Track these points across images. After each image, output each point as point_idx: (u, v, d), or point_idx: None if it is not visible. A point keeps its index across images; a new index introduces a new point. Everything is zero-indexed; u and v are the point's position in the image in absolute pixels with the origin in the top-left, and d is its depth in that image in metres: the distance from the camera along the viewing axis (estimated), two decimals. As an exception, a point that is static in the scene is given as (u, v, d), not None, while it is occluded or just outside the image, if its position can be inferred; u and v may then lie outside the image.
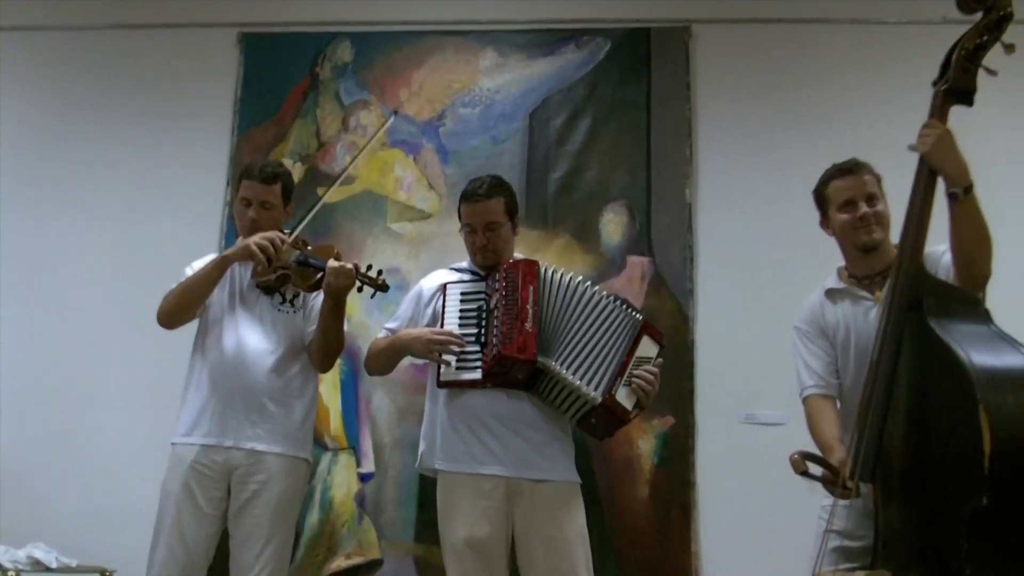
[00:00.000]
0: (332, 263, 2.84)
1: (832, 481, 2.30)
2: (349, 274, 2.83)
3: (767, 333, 3.67)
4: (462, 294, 2.92)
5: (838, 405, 2.69)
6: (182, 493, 2.87)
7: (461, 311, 2.89)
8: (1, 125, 4.34)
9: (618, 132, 4.08)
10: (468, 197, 2.96)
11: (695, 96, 4.11)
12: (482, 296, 2.88)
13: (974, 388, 1.90)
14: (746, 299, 3.87)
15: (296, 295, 3.06)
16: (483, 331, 2.82)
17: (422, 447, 2.97)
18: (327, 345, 2.97)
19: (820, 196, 2.75)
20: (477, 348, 2.82)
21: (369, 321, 3.98)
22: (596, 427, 2.85)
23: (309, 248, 3.04)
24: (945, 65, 2.35)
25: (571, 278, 2.88)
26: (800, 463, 2.31)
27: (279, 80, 4.29)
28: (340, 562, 3.80)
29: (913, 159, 2.62)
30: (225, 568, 2.94)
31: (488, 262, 2.94)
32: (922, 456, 2.10)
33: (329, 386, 3.96)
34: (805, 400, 2.70)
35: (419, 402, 3.84)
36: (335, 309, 2.91)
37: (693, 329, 3.88)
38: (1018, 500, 1.88)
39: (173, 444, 2.96)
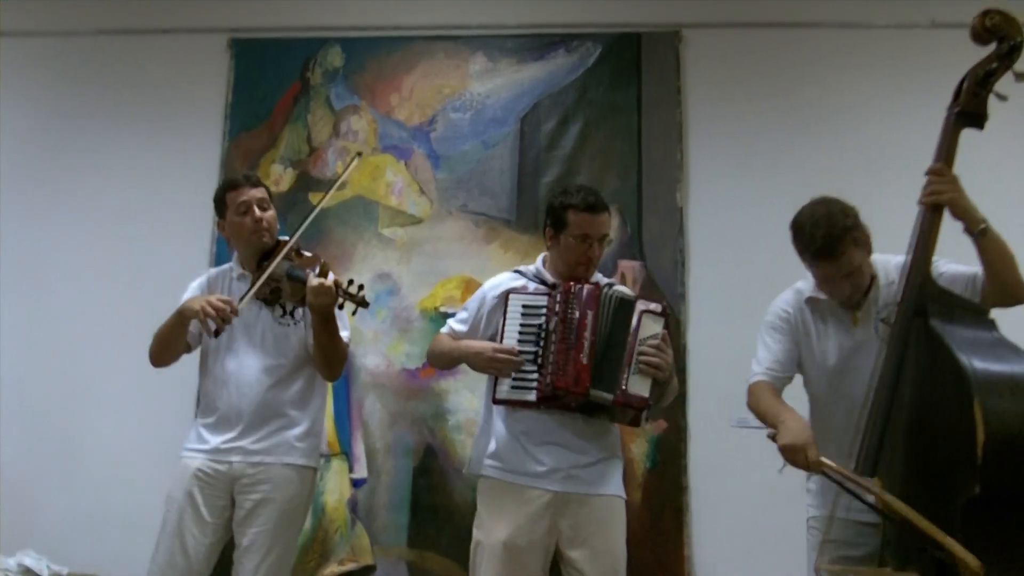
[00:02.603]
0: (312, 281, 2.81)
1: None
2: (329, 292, 2.81)
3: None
4: (524, 307, 2.86)
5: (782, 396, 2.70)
6: (185, 500, 2.86)
7: (521, 326, 2.84)
8: (-7, 130, 4.34)
9: (609, 136, 4.09)
10: (589, 207, 2.89)
11: (685, 100, 4.12)
12: (543, 311, 2.83)
13: (971, 385, 2.02)
14: (737, 303, 3.87)
15: (295, 307, 3.04)
16: (541, 351, 2.79)
17: (472, 452, 2.98)
18: (326, 357, 2.96)
19: (799, 251, 2.67)
20: (534, 368, 2.79)
21: (361, 326, 3.98)
22: (624, 419, 2.83)
23: (299, 258, 3.01)
24: (958, 90, 2.43)
25: (616, 297, 2.83)
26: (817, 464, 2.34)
27: (270, 85, 4.29)
28: (333, 568, 3.79)
29: (907, 160, 2.64)
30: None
31: (588, 275, 2.91)
32: (923, 453, 2.19)
33: (321, 391, 3.96)
34: (755, 382, 2.70)
35: (411, 407, 3.88)
36: (324, 323, 2.89)
37: (684, 333, 3.89)
38: (1009, 493, 1.99)
39: (182, 456, 2.97)
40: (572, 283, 2.83)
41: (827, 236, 2.51)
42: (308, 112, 4.26)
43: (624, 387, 2.71)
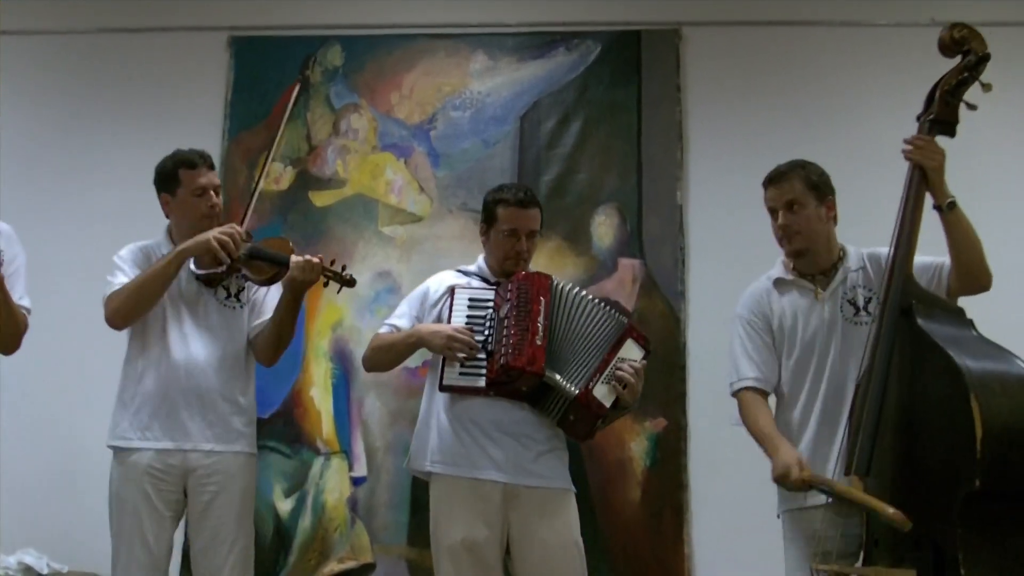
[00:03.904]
0: (296, 258, 2.80)
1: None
2: (316, 268, 2.81)
3: (758, 335, 3.68)
4: (470, 300, 2.91)
5: (771, 399, 2.74)
6: (141, 500, 2.80)
7: (468, 316, 2.87)
8: (-6, 129, 4.34)
9: (609, 135, 4.09)
10: (519, 202, 2.95)
11: (685, 98, 4.12)
12: (490, 304, 2.87)
13: (965, 381, 2.07)
14: (737, 300, 3.87)
15: (241, 289, 2.99)
16: (490, 339, 2.81)
17: (413, 445, 2.97)
18: (280, 340, 2.93)
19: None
20: (483, 356, 2.81)
21: (360, 325, 3.99)
22: (575, 425, 2.83)
23: (259, 243, 2.97)
24: (929, 99, 2.56)
25: (578, 292, 2.89)
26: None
27: (270, 84, 4.28)
28: (333, 566, 3.80)
29: (903, 158, 2.63)
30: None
31: (517, 269, 2.93)
32: (915, 451, 2.23)
33: (321, 390, 3.96)
34: (740, 391, 2.72)
35: (411, 406, 3.87)
36: (294, 304, 2.88)
37: (684, 331, 3.89)
38: (1008, 486, 2.04)
39: (119, 449, 2.86)
40: (524, 273, 2.88)
41: (784, 166, 2.76)
42: (308, 110, 4.25)
43: (590, 387, 2.73)
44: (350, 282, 2.89)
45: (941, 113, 2.51)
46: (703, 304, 3.91)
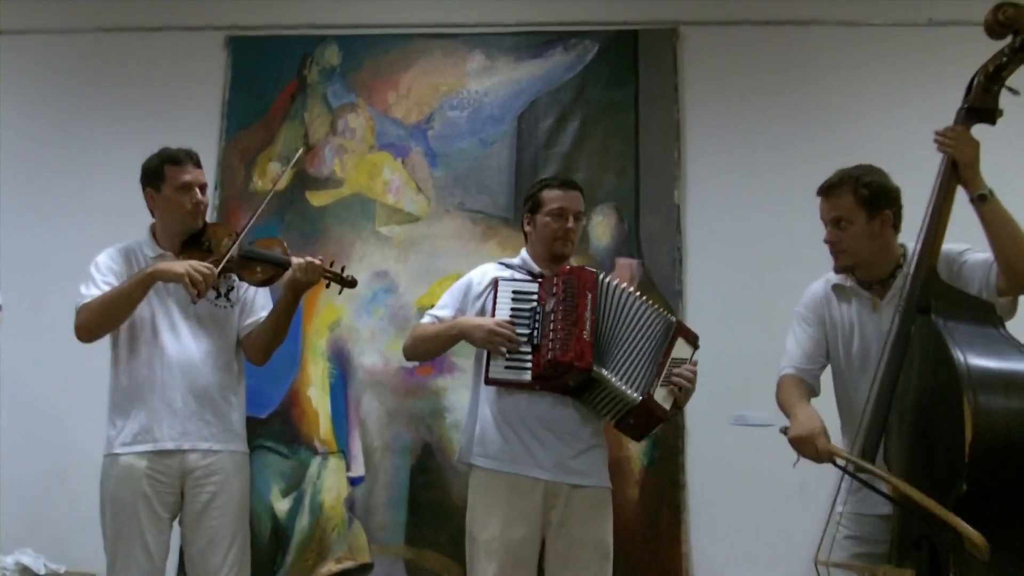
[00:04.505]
0: (298, 259, 2.81)
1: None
2: (317, 270, 2.82)
3: (756, 334, 3.69)
4: (514, 292, 2.90)
5: (815, 393, 2.74)
6: (140, 503, 2.80)
7: (513, 310, 2.86)
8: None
9: (606, 134, 4.08)
10: (562, 184, 3.01)
11: (683, 98, 4.12)
12: (534, 297, 2.87)
13: (960, 382, 2.05)
14: (735, 300, 3.88)
15: (231, 288, 3.00)
16: (536, 333, 2.80)
17: (462, 440, 2.99)
18: (273, 340, 2.94)
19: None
20: (528, 349, 2.80)
21: (358, 324, 3.99)
22: (634, 428, 2.87)
23: (253, 243, 2.97)
24: (969, 86, 2.43)
25: (624, 288, 2.88)
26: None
27: (267, 83, 4.28)
28: (330, 566, 3.79)
29: (904, 158, 2.64)
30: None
31: (566, 252, 2.96)
32: (922, 449, 2.22)
33: (318, 389, 3.96)
34: (781, 376, 2.74)
35: (409, 405, 3.87)
36: (293, 304, 2.89)
37: (682, 331, 3.88)
38: (998, 491, 2.03)
39: (115, 455, 2.84)
40: (569, 268, 2.87)
41: (836, 176, 2.62)
42: (305, 110, 4.25)
43: (652, 392, 2.75)
44: (351, 283, 2.90)
45: (978, 100, 2.39)
46: (701, 303, 3.90)
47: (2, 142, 4.32)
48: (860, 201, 2.57)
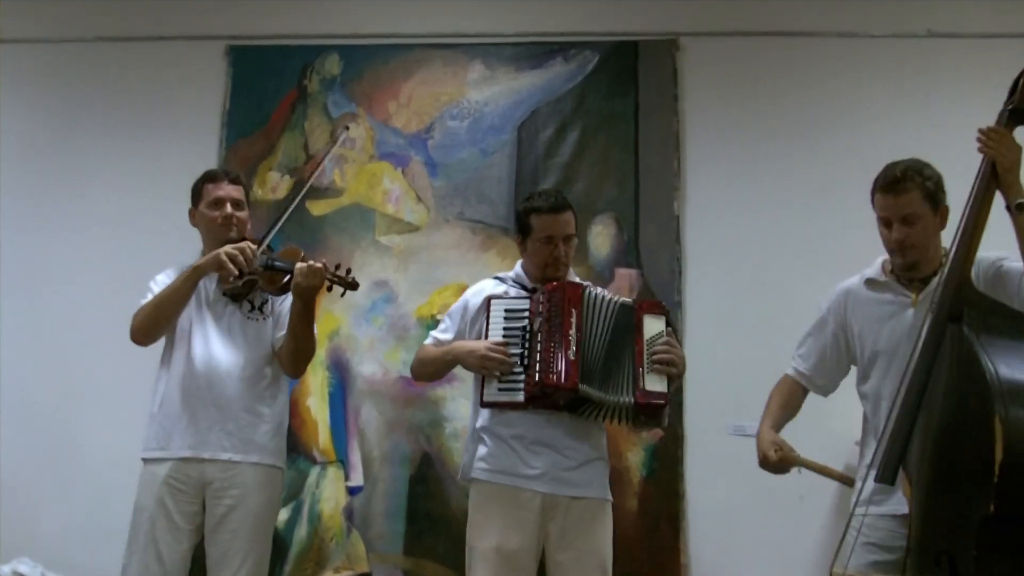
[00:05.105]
0: (301, 264, 2.84)
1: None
2: (319, 273, 2.83)
3: (755, 344, 3.69)
4: (506, 311, 2.91)
5: (807, 396, 2.79)
6: (156, 509, 2.84)
7: (505, 329, 2.88)
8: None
9: (606, 144, 4.09)
10: (551, 208, 2.96)
11: (683, 108, 4.12)
12: (525, 314, 2.87)
13: (992, 398, 1.94)
14: (734, 310, 3.88)
15: (265, 301, 3.05)
16: (527, 352, 2.81)
17: (464, 459, 3.00)
18: (297, 349, 2.96)
19: (872, 198, 2.65)
20: (520, 369, 2.82)
21: (357, 333, 3.98)
22: (648, 422, 2.91)
23: (275, 253, 3.05)
24: (1014, 86, 2.36)
25: (608, 299, 2.88)
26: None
27: (267, 92, 4.28)
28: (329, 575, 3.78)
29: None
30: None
31: (559, 275, 2.94)
32: (946, 463, 2.13)
33: (317, 399, 3.95)
34: (784, 375, 2.79)
35: (408, 415, 3.87)
36: (304, 311, 2.90)
37: (681, 341, 3.84)
38: None
39: (145, 461, 2.94)
40: (555, 283, 2.86)
41: (897, 171, 2.51)
42: (305, 119, 4.25)
43: (642, 385, 2.73)
44: (353, 285, 2.91)
45: (1023, 101, 2.31)
46: (700, 313, 3.90)
47: (2, 149, 4.33)
48: (926, 195, 2.50)
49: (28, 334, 4.12)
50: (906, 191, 2.49)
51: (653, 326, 2.85)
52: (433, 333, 3.09)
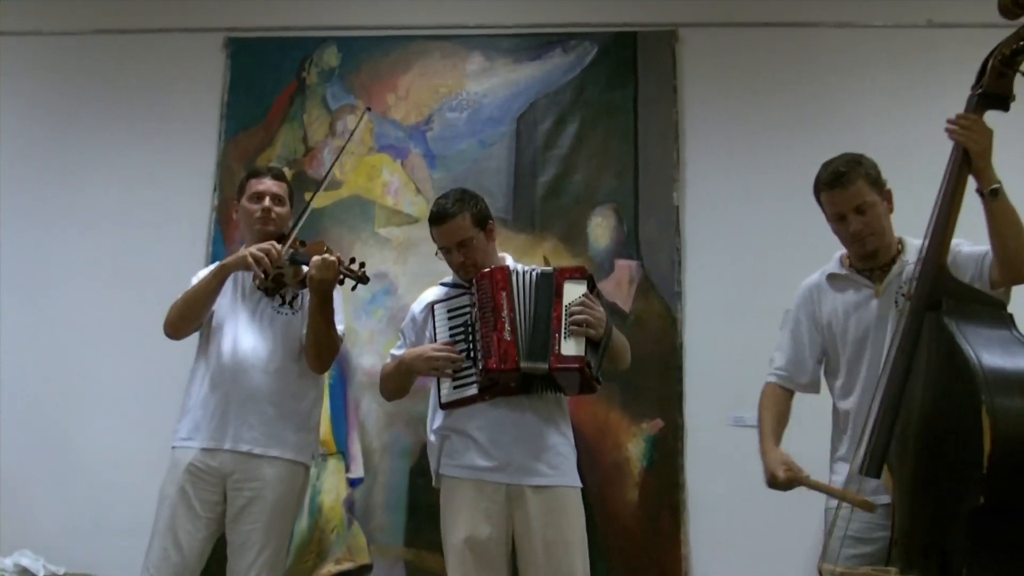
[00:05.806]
0: (315, 257, 2.85)
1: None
2: (332, 266, 2.84)
3: (755, 335, 3.67)
4: (448, 311, 2.94)
5: (794, 396, 2.78)
6: (177, 495, 2.87)
7: (451, 328, 2.90)
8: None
9: (605, 136, 4.09)
10: (435, 219, 2.94)
11: (682, 99, 4.12)
12: (467, 309, 2.89)
13: (979, 389, 1.93)
14: (734, 301, 3.88)
15: (295, 296, 3.07)
16: (472, 346, 2.83)
17: (432, 464, 2.97)
18: (318, 344, 2.96)
19: (817, 200, 2.71)
20: (470, 363, 2.83)
21: (357, 326, 3.98)
22: (569, 388, 2.84)
23: (304, 247, 3.05)
24: (981, 71, 2.32)
25: (532, 272, 2.87)
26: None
27: (266, 85, 4.28)
28: (330, 567, 3.79)
29: (904, 159, 2.64)
30: (222, 572, 2.94)
31: (472, 276, 2.93)
32: (932, 454, 2.11)
33: (318, 391, 3.95)
34: (766, 383, 2.77)
35: (408, 407, 3.86)
36: (321, 305, 2.91)
37: (681, 332, 3.88)
38: (1017, 502, 1.90)
39: (173, 448, 2.97)
40: (481, 272, 2.87)
41: (837, 166, 2.57)
42: (304, 112, 4.25)
43: (557, 351, 2.72)
44: (363, 278, 2.91)
45: (992, 86, 2.27)
46: (700, 305, 3.91)
47: (2, 143, 4.32)
48: (871, 182, 2.56)
49: (27, 329, 4.12)
50: (852, 182, 2.54)
51: (573, 291, 2.80)
52: (392, 351, 3.11)
